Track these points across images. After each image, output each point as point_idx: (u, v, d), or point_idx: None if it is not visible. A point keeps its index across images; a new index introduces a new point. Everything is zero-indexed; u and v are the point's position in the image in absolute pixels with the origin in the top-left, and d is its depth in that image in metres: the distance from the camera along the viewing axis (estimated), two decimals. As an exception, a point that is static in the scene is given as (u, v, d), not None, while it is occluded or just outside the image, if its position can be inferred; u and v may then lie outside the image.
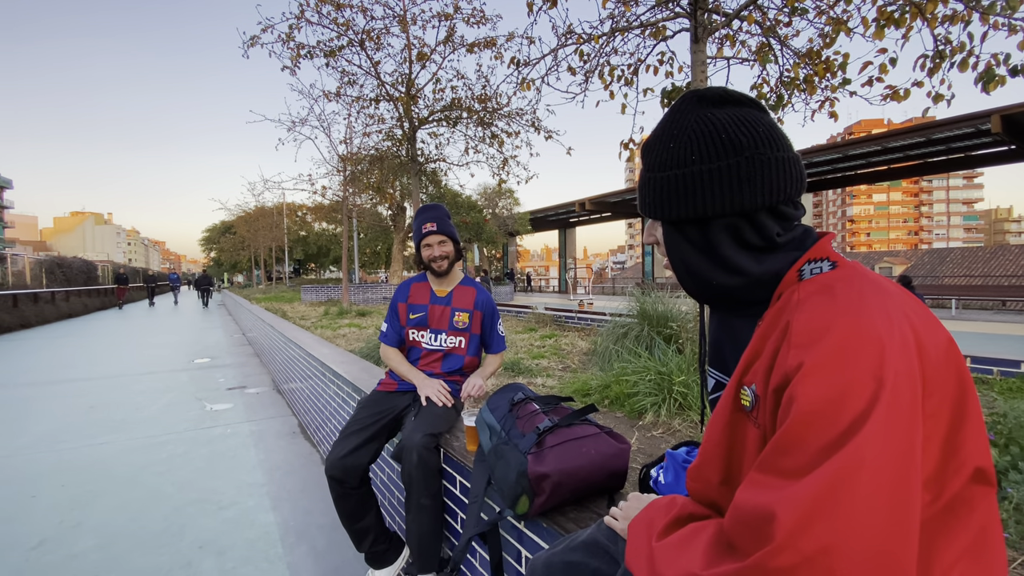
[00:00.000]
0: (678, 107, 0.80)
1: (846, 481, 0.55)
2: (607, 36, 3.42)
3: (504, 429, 1.44)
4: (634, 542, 0.81)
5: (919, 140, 13.97)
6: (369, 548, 2.06)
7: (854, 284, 0.67)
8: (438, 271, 2.21)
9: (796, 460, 0.59)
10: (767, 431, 0.69)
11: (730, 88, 0.80)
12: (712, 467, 0.78)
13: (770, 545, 0.56)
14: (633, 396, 2.87)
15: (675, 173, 0.76)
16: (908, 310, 0.64)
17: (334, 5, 5.61)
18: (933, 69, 3.04)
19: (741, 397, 0.74)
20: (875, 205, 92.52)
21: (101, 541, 2.65)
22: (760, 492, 0.61)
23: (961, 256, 30.30)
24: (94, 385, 6.50)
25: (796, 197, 0.76)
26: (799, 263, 0.73)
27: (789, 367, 0.63)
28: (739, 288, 0.76)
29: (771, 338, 0.69)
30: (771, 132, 0.74)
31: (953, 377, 0.64)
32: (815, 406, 0.59)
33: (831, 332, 0.61)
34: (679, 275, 0.83)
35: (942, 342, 0.65)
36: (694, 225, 0.77)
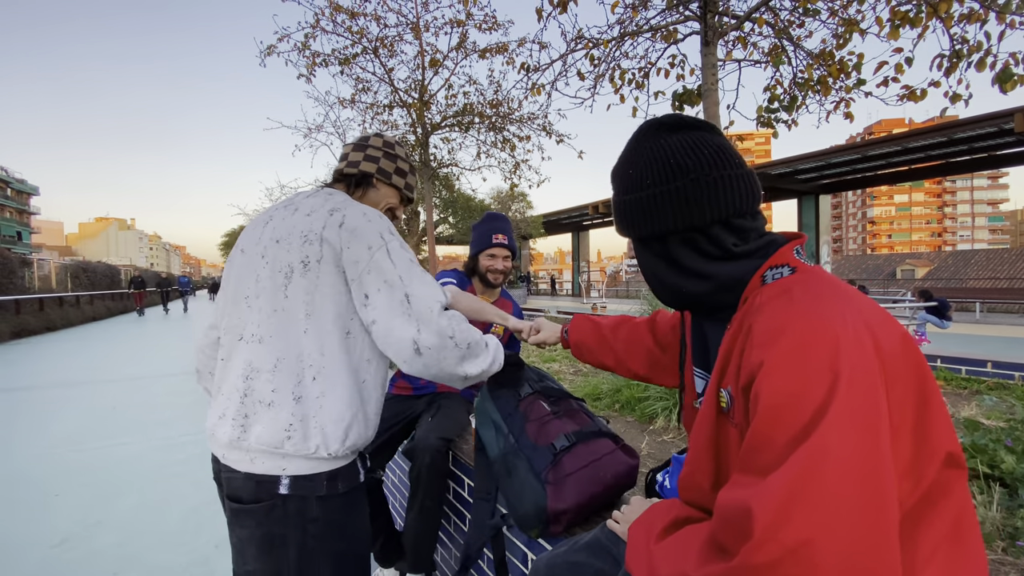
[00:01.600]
0: (638, 134, 0.87)
1: (814, 471, 0.56)
2: (617, 40, 3.43)
3: (512, 432, 1.31)
4: (634, 544, 0.83)
5: (941, 140, 13.68)
6: (380, 548, 2.09)
7: (810, 286, 0.71)
8: (493, 283, 2.20)
9: (766, 456, 0.61)
10: (743, 430, 0.70)
11: (685, 115, 0.87)
12: (702, 472, 0.80)
13: (750, 541, 0.57)
14: (644, 400, 2.87)
15: (635, 196, 0.83)
16: (863, 309, 0.67)
17: (348, 14, 5.71)
18: (950, 69, 2.99)
19: (720, 400, 0.76)
20: (897, 206, 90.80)
21: (121, 539, 2.72)
22: (737, 491, 0.63)
23: (986, 258, 29.55)
24: (116, 387, 6.66)
25: (749, 210, 0.80)
26: (762, 269, 0.77)
27: (753, 365, 0.66)
28: (707, 294, 0.81)
29: (738, 340, 0.73)
30: (718, 153, 0.79)
31: (912, 368, 0.65)
32: (777, 401, 0.61)
33: (788, 331, 0.64)
34: (652, 287, 0.90)
35: (896, 337, 0.67)
36: (657, 241, 0.84)
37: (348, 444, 1.06)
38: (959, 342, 9.04)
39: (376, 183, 1.32)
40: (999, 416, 2.12)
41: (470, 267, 2.26)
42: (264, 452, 1.02)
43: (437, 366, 1.06)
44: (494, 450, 1.34)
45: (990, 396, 2.33)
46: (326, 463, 1.05)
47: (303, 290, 1.05)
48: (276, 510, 1.02)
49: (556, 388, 1.45)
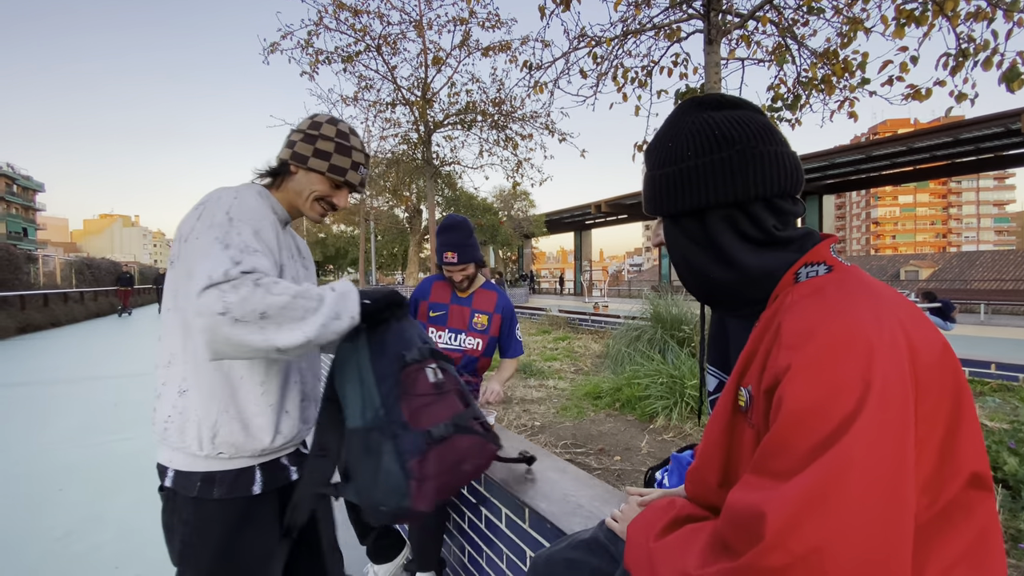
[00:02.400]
0: (677, 112, 0.84)
1: (835, 481, 0.55)
2: (620, 39, 3.41)
3: (384, 404, 1.04)
4: (633, 542, 0.82)
5: (946, 140, 13.63)
6: (373, 541, 2.09)
7: (845, 287, 0.68)
8: (459, 287, 2.24)
9: (785, 461, 0.59)
10: (761, 432, 0.69)
11: (728, 94, 0.83)
12: (710, 469, 0.79)
13: (760, 544, 0.57)
14: (644, 399, 2.86)
15: (672, 169, 0.79)
16: (901, 313, 0.64)
17: (352, 11, 5.71)
18: (956, 68, 2.97)
19: (738, 398, 0.74)
20: (901, 207, 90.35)
21: (121, 533, 2.72)
22: (751, 492, 0.62)
23: (992, 259, 29.41)
24: (119, 382, 6.68)
25: (792, 192, 0.77)
26: (796, 265, 0.74)
27: (779, 368, 0.64)
28: (736, 284, 0.78)
29: (764, 339, 0.71)
30: (764, 128, 0.76)
31: (949, 381, 0.64)
32: (803, 406, 0.59)
33: (819, 333, 0.62)
34: (680, 271, 0.85)
35: (936, 346, 0.64)
36: (692, 218, 0.80)
37: (219, 444, 1.03)
38: (964, 344, 8.99)
39: (294, 170, 1.19)
40: (1002, 418, 2.11)
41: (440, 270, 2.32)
42: (159, 441, 1.08)
43: (232, 348, 0.89)
44: (355, 418, 1.05)
45: (993, 398, 2.31)
46: (201, 461, 1.05)
47: (170, 286, 1.07)
48: (168, 501, 1.09)
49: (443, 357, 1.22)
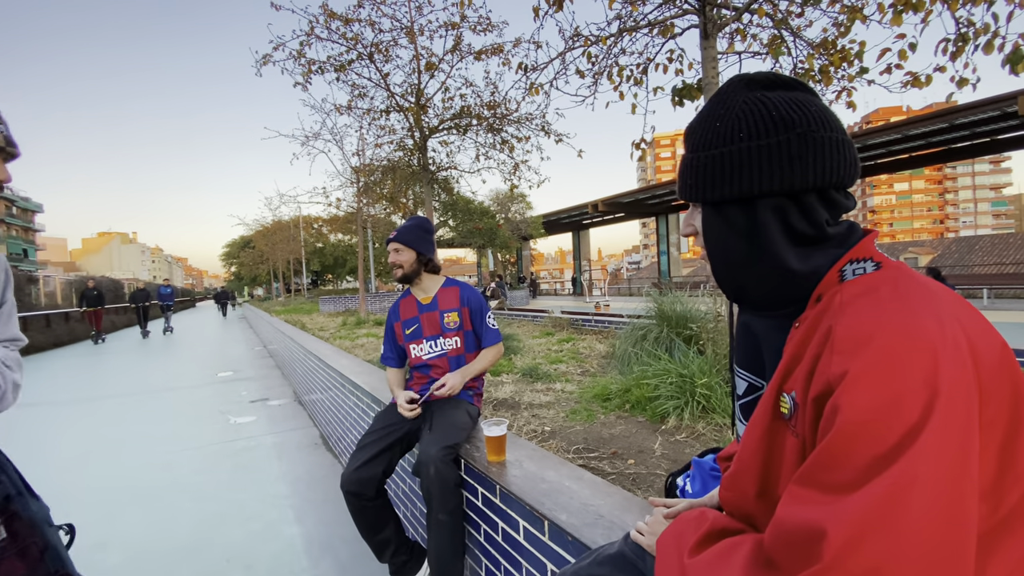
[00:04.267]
0: (725, 90, 0.76)
1: (899, 498, 0.52)
2: (615, 37, 3.39)
3: None
4: (664, 558, 0.78)
5: (941, 126, 13.62)
6: (391, 558, 2.05)
7: (901, 286, 0.63)
8: (394, 277, 2.27)
9: (843, 475, 0.56)
10: (807, 441, 0.65)
11: (781, 73, 0.76)
12: (748, 477, 0.75)
13: (818, 564, 0.53)
14: (655, 400, 2.83)
15: (721, 151, 0.72)
16: (960, 313, 0.61)
17: (343, 20, 5.69)
18: (956, 53, 2.94)
19: (780, 404, 0.70)
20: (897, 195, 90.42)
21: (130, 556, 2.68)
22: (805, 508, 0.58)
23: (991, 243, 29.42)
24: (121, 402, 6.63)
25: (848, 183, 0.71)
26: (840, 262, 0.69)
27: (832, 375, 0.59)
28: (778, 282, 0.72)
29: (812, 343, 0.66)
30: (823, 113, 0.70)
31: (1008, 384, 0.60)
32: (863, 417, 0.55)
33: (878, 338, 0.58)
34: (715, 265, 0.78)
35: (996, 347, 0.61)
36: (738, 207, 0.72)
37: None
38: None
39: None
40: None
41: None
42: None
43: None
44: None
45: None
46: None
47: None
48: None
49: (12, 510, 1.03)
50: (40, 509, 1.11)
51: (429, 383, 2.20)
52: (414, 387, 2.24)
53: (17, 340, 1.18)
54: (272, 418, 5.45)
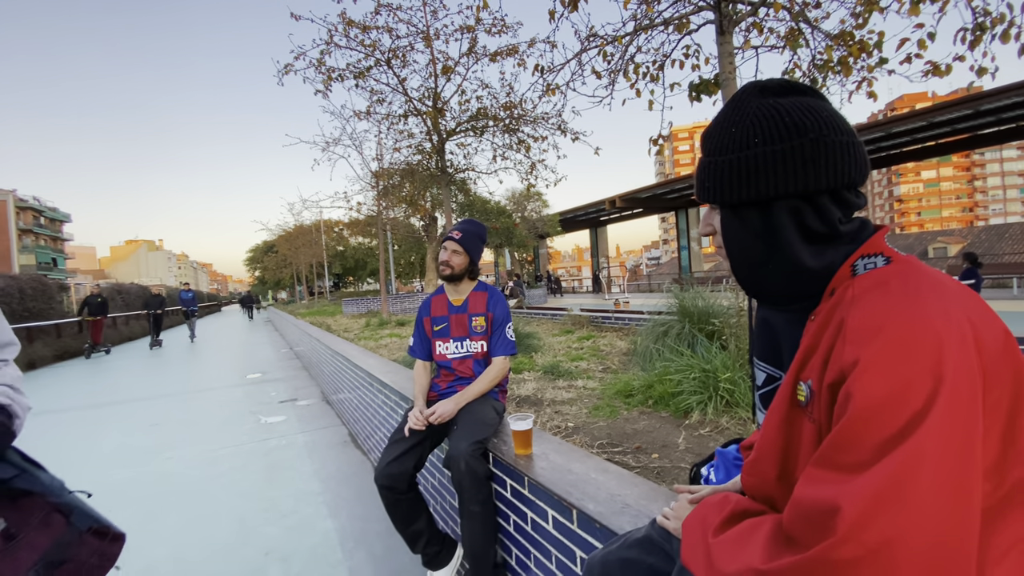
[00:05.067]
0: (739, 96, 0.80)
1: (908, 476, 0.56)
2: (631, 35, 3.42)
3: None
4: (689, 539, 0.83)
5: (967, 112, 13.25)
6: (423, 549, 2.13)
7: (910, 279, 0.68)
8: (440, 273, 2.32)
9: (856, 455, 0.60)
10: (822, 426, 0.70)
11: (793, 80, 0.81)
12: (768, 462, 0.80)
13: (833, 537, 0.58)
14: (678, 395, 2.86)
15: (737, 156, 0.76)
16: (965, 304, 0.65)
17: (360, 28, 5.81)
18: (974, 42, 2.91)
19: (797, 393, 0.75)
20: (924, 183, 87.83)
21: (174, 552, 2.81)
22: (821, 487, 0.63)
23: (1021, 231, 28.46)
24: (156, 404, 6.88)
25: (859, 183, 0.75)
26: (852, 257, 0.74)
27: (845, 363, 0.64)
28: (794, 278, 0.76)
29: (826, 334, 0.71)
30: (833, 118, 0.74)
31: (1010, 369, 0.64)
32: (874, 402, 0.60)
33: (887, 328, 0.63)
34: (734, 264, 0.83)
35: (999, 335, 0.65)
36: (754, 209, 0.77)
37: None
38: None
39: None
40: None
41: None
42: None
43: None
44: None
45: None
46: None
47: None
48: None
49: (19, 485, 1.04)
50: (51, 480, 1.12)
51: (455, 381, 2.28)
52: (440, 384, 2.32)
53: (11, 344, 1.19)
54: (301, 418, 5.60)
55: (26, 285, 14.26)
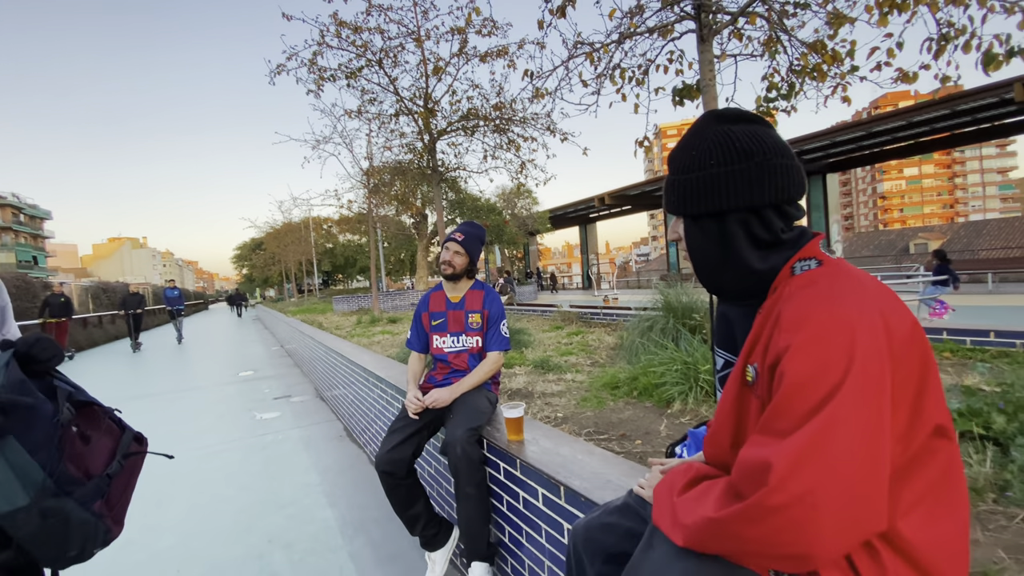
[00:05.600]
0: (699, 124, 0.96)
1: (825, 437, 0.72)
2: (616, 43, 3.56)
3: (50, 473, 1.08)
4: (659, 501, 0.98)
5: (944, 112, 13.61)
6: (421, 532, 2.27)
7: (835, 279, 0.83)
8: (442, 272, 2.46)
9: (786, 422, 0.76)
10: (765, 401, 0.85)
11: (745, 110, 0.97)
12: (724, 433, 0.95)
13: (766, 488, 0.73)
14: (661, 386, 3.02)
15: (697, 175, 0.92)
16: (878, 299, 0.80)
17: (352, 29, 5.89)
18: (939, 51, 3.09)
19: (746, 374, 0.90)
20: (907, 180, 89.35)
21: (179, 540, 2.92)
22: (759, 449, 0.78)
23: (998, 228, 29.20)
24: (149, 401, 6.93)
25: (797, 198, 0.91)
26: (792, 260, 0.89)
27: (780, 348, 0.80)
28: (745, 278, 0.91)
29: (768, 325, 0.87)
30: (777, 144, 0.90)
31: (917, 352, 0.80)
32: (799, 379, 0.76)
33: (812, 319, 0.78)
34: (696, 265, 0.98)
35: (907, 324, 0.80)
36: (712, 219, 0.92)
37: None
38: (971, 314, 9.05)
39: None
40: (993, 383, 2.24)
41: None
42: None
43: None
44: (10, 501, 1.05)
45: (982, 364, 2.45)
46: None
47: None
48: None
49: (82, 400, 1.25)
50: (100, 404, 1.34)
51: (451, 373, 2.42)
52: (437, 376, 2.45)
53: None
54: (296, 413, 5.70)
55: (8, 283, 14.09)
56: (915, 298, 8.13)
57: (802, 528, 0.72)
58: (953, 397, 2.11)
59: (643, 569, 0.94)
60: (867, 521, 0.73)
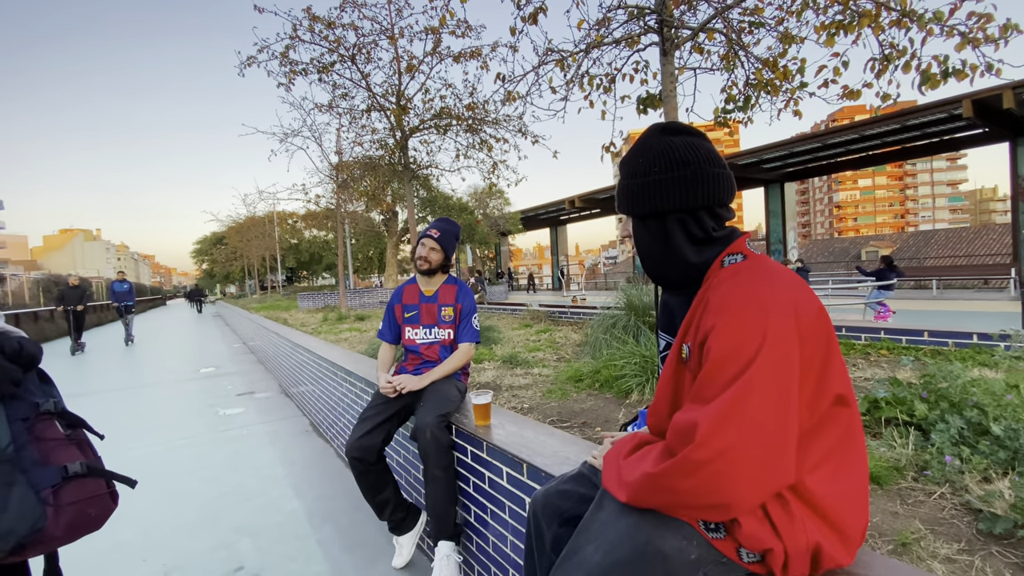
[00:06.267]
0: (646, 135, 1.11)
1: (742, 400, 0.85)
2: (584, 52, 3.71)
3: (14, 441, 1.11)
4: (607, 466, 1.11)
5: (895, 127, 14.39)
6: (390, 516, 2.34)
7: (754, 271, 0.98)
8: (418, 268, 2.54)
9: (711, 390, 0.89)
10: (696, 374, 0.98)
11: (685, 123, 1.11)
12: (663, 404, 1.08)
13: (692, 444, 0.86)
14: (621, 378, 3.17)
15: (642, 181, 1.06)
16: (790, 288, 0.95)
17: (325, 24, 5.88)
18: (881, 71, 3.35)
19: (682, 352, 1.04)
20: (861, 190, 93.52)
21: (143, 530, 2.90)
22: (688, 413, 0.91)
23: (946, 237, 30.89)
24: (108, 397, 6.72)
25: (727, 202, 1.06)
26: (722, 255, 1.04)
27: (707, 328, 0.94)
28: (683, 269, 1.05)
29: (699, 309, 1.00)
30: (710, 154, 1.05)
31: (822, 333, 0.94)
32: (722, 353, 0.89)
33: (733, 303, 0.92)
34: (643, 259, 1.12)
35: (814, 309, 0.95)
36: (655, 219, 1.06)
37: None
38: (915, 317, 9.63)
39: None
40: (917, 375, 2.48)
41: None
42: None
43: None
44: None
45: (907, 357, 2.69)
46: None
47: None
48: None
49: (74, 414, 1.31)
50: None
51: (422, 364, 2.50)
52: (408, 367, 2.53)
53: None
54: (260, 409, 5.65)
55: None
56: (861, 302, 8.62)
57: (723, 480, 0.85)
58: (881, 387, 2.32)
59: (592, 527, 1.06)
60: (777, 475, 0.87)
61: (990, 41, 3.06)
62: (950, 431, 1.93)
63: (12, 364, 1.18)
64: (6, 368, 1.16)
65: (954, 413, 2.02)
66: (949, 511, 1.64)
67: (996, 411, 1.98)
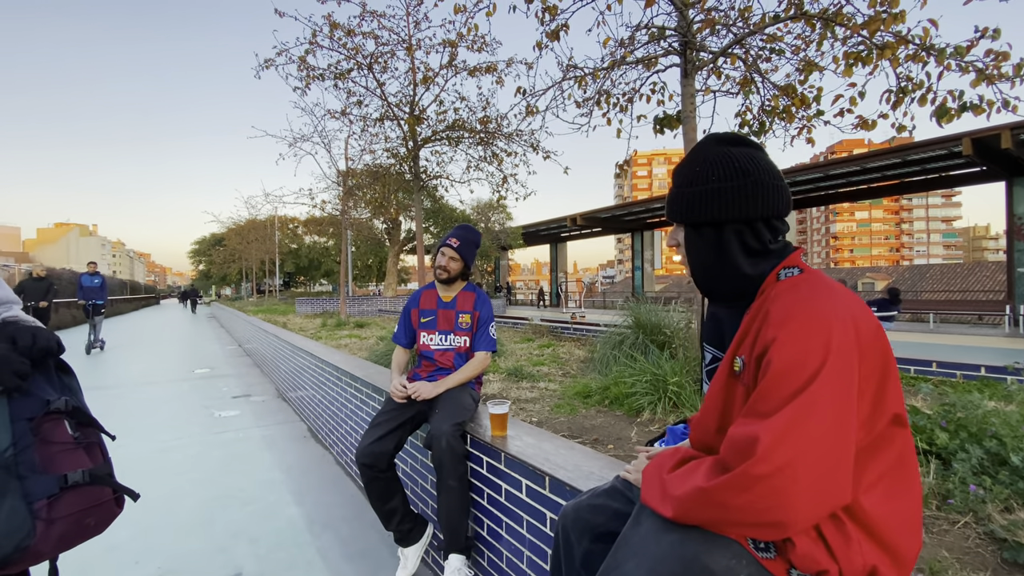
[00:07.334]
0: (702, 144, 1.10)
1: (805, 415, 0.83)
2: (606, 70, 3.76)
3: (14, 444, 1.03)
4: (648, 480, 1.08)
5: (895, 161, 14.59)
6: (397, 527, 2.29)
7: (813, 285, 0.97)
8: (437, 277, 2.51)
9: (771, 404, 0.87)
10: (750, 388, 0.97)
11: (742, 135, 1.11)
12: (711, 418, 1.06)
13: (753, 458, 0.84)
14: (631, 396, 3.14)
15: (700, 189, 1.05)
16: (850, 302, 0.94)
17: (345, 31, 5.94)
18: (897, 103, 3.40)
19: (734, 365, 1.02)
20: (857, 222, 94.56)
21: (136, 532, 2.83)
22: (747, 427, 0.89)
23: (940, 272, 31.18)
24: (100, 394, 6.62)
25: (784, 215, 1.05)
26: (778, 268, 1.03)
27: (767, 340, 0.92)
28: (738, 281, 1.04)
29: (756, 321, 0.99)
30: (769, 166, 1.04)
31: (880, 350, 0.93)
32: (783, 367, 0.87)
33: (796, 316, 0.91)
34: (694, 269, 1.11)
35: (873, 325, 0.93)
36: (711, 228, 1.05)
37: None
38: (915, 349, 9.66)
39: None
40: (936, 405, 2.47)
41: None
42: None
43: None
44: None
45: (928, 385, 2.68)
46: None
47: None
48: None
49: (86, 412, 1.22)
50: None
51: (436, 371, 2.47)
52: (422, 373, 2.50)
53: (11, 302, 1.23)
54: (256, 413, 5.57)
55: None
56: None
57: (781, 496, 0.83)
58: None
59: (632, 543, 1.03)
60: (835, 493, 0.85)
61: (1004, 78, 3.12)
62: (971, 460, 1.91)
63: (22, 356, 1.11)
64: (12, 360, 1.08)
65: (973, 443, 2.01)
66: (974, 540, 1.62)
67: (1013, 442, 1.97)
